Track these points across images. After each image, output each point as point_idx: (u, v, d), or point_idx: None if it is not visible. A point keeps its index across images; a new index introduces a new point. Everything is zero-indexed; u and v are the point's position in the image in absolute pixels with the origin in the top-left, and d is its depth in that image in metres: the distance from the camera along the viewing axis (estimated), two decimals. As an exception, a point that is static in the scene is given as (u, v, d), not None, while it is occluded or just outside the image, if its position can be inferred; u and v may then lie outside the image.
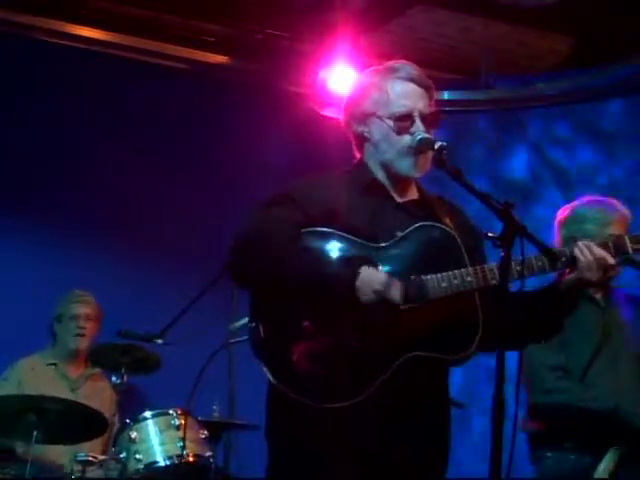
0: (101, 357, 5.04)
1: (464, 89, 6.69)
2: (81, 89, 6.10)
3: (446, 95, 6.68)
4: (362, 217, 2.72)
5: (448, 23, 6.40)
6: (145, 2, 6.14)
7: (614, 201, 3.82)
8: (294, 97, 6.35)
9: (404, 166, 2.78)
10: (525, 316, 2.67)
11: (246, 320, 2.81)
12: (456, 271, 2.63)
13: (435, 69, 6.87)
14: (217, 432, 4.90)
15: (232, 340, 4.60)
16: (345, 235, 2.67)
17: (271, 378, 2.61)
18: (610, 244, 2.74)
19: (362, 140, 2.90)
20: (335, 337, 2.57)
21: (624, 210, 3.77)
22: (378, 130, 2.82)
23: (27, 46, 6.03)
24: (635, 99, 6.26)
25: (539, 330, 2.79)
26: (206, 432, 4.72)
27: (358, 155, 2.93)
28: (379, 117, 2.81)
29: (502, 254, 2.48)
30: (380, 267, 2.63)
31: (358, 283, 2.55)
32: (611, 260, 2.70)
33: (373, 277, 2.57)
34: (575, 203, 3.85)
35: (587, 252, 2.68)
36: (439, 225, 2.73)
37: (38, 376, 5.14)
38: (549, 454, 3.65)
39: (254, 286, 2.72)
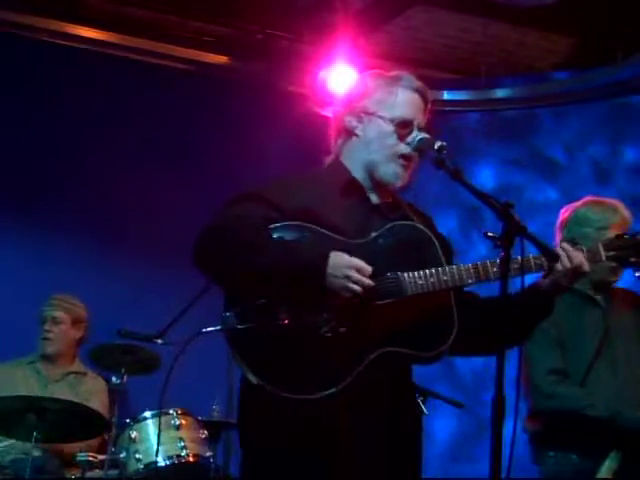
0: (101, 357, 5.03)
1: (464, 89, 6.69)
2: (81, 89, 6.10)
3: (446, 95, 6.69)
4: (338, 215, 2.71)
5: (448, 23, 6.40)
6: (145, 2, 6.15)
7: (616, 202, 3.79)
8: (294, 97, 6.35)
9: (389, 171, 2.79)
10: (499, 320, 2.61)
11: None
12: (433, 269, 2.64)
13: (435, 69, 6.88)
14: (217, 432, 4.90)
15: (205, 330, 4.57)
16: (320, 230, 2.66)
17: (245, 369, 2.60)
18: (585, 252, 2.74)
19: (349, 135, 2.87)
20: (310, 328, 2.56)
21: (625, 212, 3.74)
22: (374, 129, 2.82)
23: (27, 46, 6.03)
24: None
25: (513, 334, 2.69)
26: (206, 432, 4.72)
27: (334, 147, 2.91)
28: (380, 117, 2.81)
29: (502, 254, 2.49)
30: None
31: (329, 268, 2.53)
32: (586, 267, 2.71)
33: (344, 261, 2.56)
34: (577, 203, 3.83)
35: (565, 259, 2.69)
36: (415, 224, 2.75)
37: (17, 375, 5.17)
38: (551, 454, 3.64)
39: (218, 277, 2.71)
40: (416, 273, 2.63)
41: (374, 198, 2.83)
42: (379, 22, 6.24)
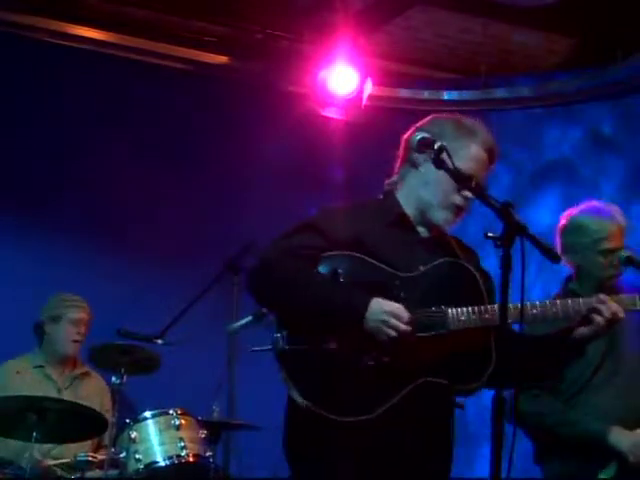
0: (101, 357, 5.03)
1: (464, 89, 6.69)
2: (81, 89, 6.10)
3: (446, 95, 6.69)
4: (387, 248, 2.81)
5: (448, 23, 6.40)
6: (145, 2, 6.15)
7: (612, 209, 3.77)
8: (294, 97, 6.35)
9: (440, 217, 2.87)
10: (532, 357, 2.83)
11: (245, 321, 2.87)
12: (475, 307, 2.76)
13: (435, 69, 6.88)
14: (217, 432, 4.90)
15: (255, 349, 4.60)
16: (369, 260, 2.77)
17: (291, 389, 2.70)
18: (622, 301, 2.88)
19: (412, 166, 2.93)
20: (355, 356, 2.68)
21: (621, 219, 3.72)
22: (434, 173, 2.85)
23: (27, 46, 6.03)
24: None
25: (543, 373, 2.96)
26: (206, 432, 4.72)
27: (397, 171, 2.98)
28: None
29: (502, 254, 2.50)
30: (402, 293, 2.74)
31: (368, 314, 2.66)
32: (622, 315, 2.84)
33: (383, 306, 2.67)
34: (573, 211, 3.80)
35: (605, 309, 2.80)
36: (461, 262, 2.86)
37: (24, 379, 5.10)
38: (553, 455, 3.64)
39: (268, 307, 2.89)
40: (459, 309, 2.75)
41: (423, 232, 2.92)
42: (379, 22, 6.24)
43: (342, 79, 6.06)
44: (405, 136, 2.98)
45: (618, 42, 6.16)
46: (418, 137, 2.79)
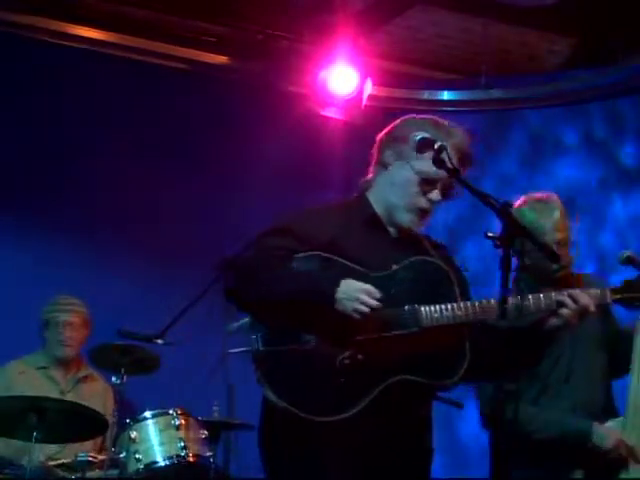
0: (101, 357, 5.03)
1: (464, 89, 6.69)
2: (81, 89, 6.09)
3: (446, 95, 6.69)
4: (360, 248, 2.82)
5: (448, 23, 6.40)
6: (145, 2, 6.14)
7: (553, 199, 3.70)
8: (294, 97, 6.35)
9: (405, 219, 2.88)
10: (505, 350, 2.80)
11: (244, 321, 2.88)
12: (448, 304, 2.77)
13: (435, 69, 6.88)
14: (217, 432, 4.90)
15: (231, 350, 4.64)
16: (342, 261, 2.78)
17: (266, 389, 2.71)
18: (593, 294, 2.86)
19: (383, 167, 2.95)
20: (330, 355, 2.69)
21: (562, 208, 3.66)
22: (402, 175, 2.88)
23: (27, 46, 6.02)
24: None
25: (518, 363, 2.93)
26: (206, 432, 4.72)
27: (371, 172, 2.99)
28: (411, 166, 2.86)
29: (502, 254, 2.50)
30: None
31: (339, 293, 2.66)
32: (593, 308, 2.83)
33: (354, 285, 2.68)
34: (517, 207, 3.67)
35: (572, 303, 2.80)
36: (434, 260, 2.87)
37: (27, 380, 5.11)
38: (522, 461, 3.60)
39: (248, 311, 2.86)
40: (432, 307, 2.76)
41: (393, 232, 2.92)
42: (379, 22, 6.24)
43: (342, 79, 6.06)
44: (379, 136, 2.98)
45: (618, 42, 6.16)
46: (418, 137, 2.79)
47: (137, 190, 6.08)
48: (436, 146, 2.75)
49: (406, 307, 2.75)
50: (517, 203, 3.70)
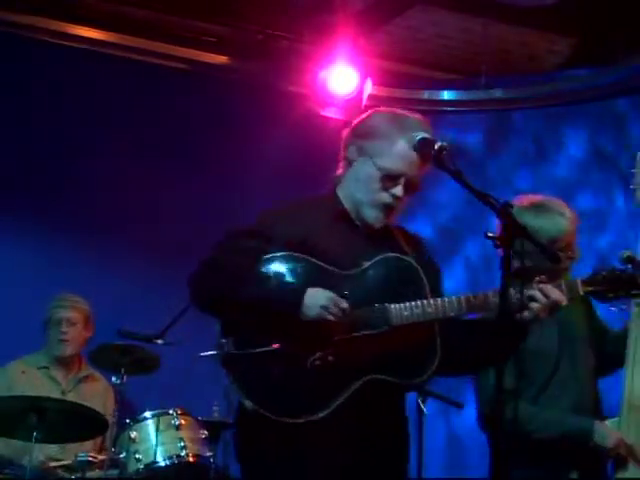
0: (101, 357, 5.03)
1: (464, 89, 6.69)
2: (81, 89, 6.10)
3: (446, 95, 6.69)
4: (330, 246, 2.80)
5: (448, 23, 6.40)
6: (145, 2, 6.15)
7: (559, 204, 3.62)
8: (294, 97, 6.35)
9: (370, 215, 2.86)
10: (478, 343, 2.82)
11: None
12: (418, 302, 2.74)
13: (435, 69, 6.88)
14: (217, 432, 4.90)
15: (203, 354, 4.62)
16: (313, 260, 2.75)
17: (239, 393, 2.70)
18: (564, 287, 2.82)
19: (349, 163, 2.94)
20: (300, 356, 2.66)
21: (571, 215, 3.60)
22: (364, 171, 2.86)
23: (27, 46, 6.03)
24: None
25: (492, 356, 2.83)
26: (206, 432, 4.72)
27: (340, 168, 2.97)
28: (372, 162, 2.84)
29: (501, 254, 2.50)
30: (345, 291, 2.71)
31: (305, 304, 2.64)
32: (564, 302, 2.80)
33: (320, 294, 2.66)
34: (518, 207, 3.44)
35: (543, 297, 2.76)
36: (404, 257, 2.84)
37: (29, 380, 5.11)
38: (521, 461, 3.60)
39: (210, 311, 2.82)
40: (402, 305, 2.73)
41: (363, 227, 2.89)
42: (379, 22, 6.24)
43: (342, 79, 6.07)
44: (343, 132, 2.97)
45: (618, 42, 6.16)
46: (419, 137, 2.78)
47: (137, 190, 6.09)
48: (436, 146, 2.74)
49: (376, 306, 2.72)
50: (520, 204, 3.60)
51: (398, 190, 2.82)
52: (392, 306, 2.72)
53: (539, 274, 2.83)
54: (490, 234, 2.55)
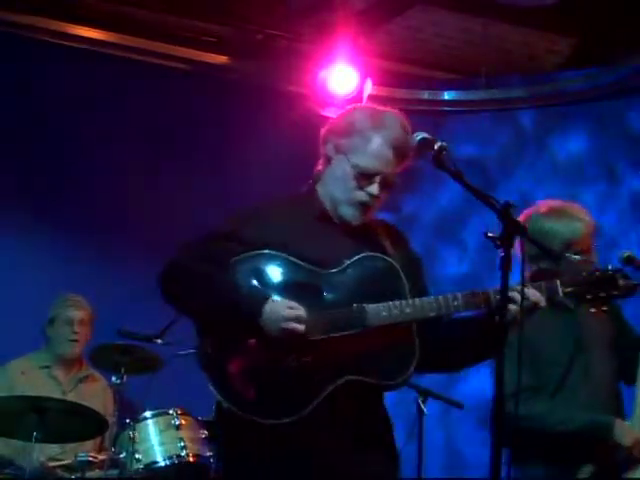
0: (101, 357, 5.03)
1: (464, 89, 6.69)
2: (81, 89, 6.09)
3: (446, 95, 6.69)
4: (310, 244, 2.77)
5: (448, 23, 6.40)
6: (145, 2, 6.14)
7: (576, 208, 3.65)
8: (294, 97, 6.35)
9: (347, 212, 2.83)
10: (460, 342, 2.81)
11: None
12: (396, 302, 2.70)
13: (435, 69, 6.88)
14: (217, 432, 4.89)
15: (181, 352, 4.62)
16: (291, 259, 2.72)
17: (216, 393, 2.68)
18: (543, 288, 2.78)
19: (327, 162, 2.91)
20: (275, 356, 2.63)
21: (588, 218, 3.62)
22: (340, 169, 2.84)
23: (27, 46, 6.02)
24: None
25: (471, 358, 2.89)
26: (206, 432, 4.72)
27: (319, 165, 2.95)
28: (348, 159, 2.81)
29: (502, 254, 2.50)
30: (324, 291, 2.71)
31: (263, 321, 2.60)
32: (544, 303, 2.76)
33: (278, 308, 2.61)
34: (535, 212, 3.62)
35: (519, 299, 2.71)
36: (384, 257, 2.80)
37: (30, 380, 5.10)
38: (534, 458, 3.60)
39: (179, 311, 2.86)
40: (380, 305, 2.69)
41: (343, 226, 2.86)
42: (379, 22, 6.24)
43: (342, 79, 6.07)
44: (323, 129, 2.94)
45: (618, 42, 6.16)
46: (419, 137, 2.76)
47: (137, 190, 6.09)
48: (436, 146, 2.73)
49: (354, 306, 2.69)
50: (538, 209, 3.65)
51: (374, 188, 2.78)
52: (370, 306, 2.68)
53: (555, 277, 2.82)
54: (490, 234, 2.55)
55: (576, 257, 3.48)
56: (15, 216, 5.97)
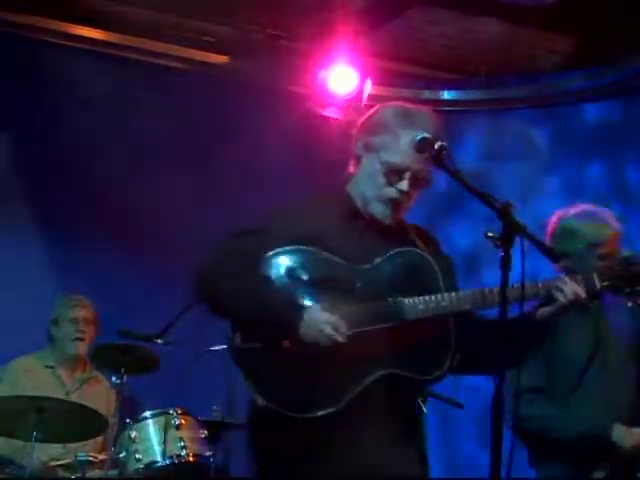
0: (101, 357, 5.03)
1: (464, 89, 6.69)
2: (80, 89, 6.09)
3: (446, 95, 6.69)
4: (343, 241, 2.78)
5: (448, 23, 6.40)
6: (145, 2, 6.15)
7: (606, 214, 3.71)
8: (294, 97, 6.35)
9: (378, 210, 2.84)
10: (499, 342, 2.71)
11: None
12: (433, 295, 2.72)
13: (435, 69, 6.88)
14: (217, 432, 4.90)
15: (211, 348, 4.64)
16: (325, 254, 2.74)
17: (251, 389, 2.68)
18: (580, 280, 2.80)
19: (358, 162, 2.93)
20: (312, 351, 2.62)
21: (616, 225, 3.67)
22: (371, 166, 2.85)
23: (27, 46, 6.02)
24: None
25: (510, 358, 2.82)
26: (206, 432, 4.72)
27: (351, 165, 2.96)
28: (378, 157, 2.83)
29: (502, 254, 2.50)
30: (358, 285, 2.71)
31: (301, 328, 2.60)
32: (584, 295, 2.77)
33: (318, 317, 2.62)
34: (566, 214, 3.73)
35: (565, 291, 2.74)
36: (417, 251, 2.82)
37: (33, 379, 5.09)
38: (549, 458, 3.61)
39: (214, 312, 2.82)
40: (417, 298, 2.71)
41: (374, 223, 2.87)
42: (379, 22, 6.24)
43: (342, 79, 6.07)
44: (354, 130, 2.95)
45: (618, 42, 6.16)
46: (419, 137, 2.78)
47: (137, 190, 6.08)
48: (436, 146, 2.74)
49: (390, 300, 2.70)
50: (567, 211, 3.72)
51: (404, 184, 2.80)
52: (406, 300, 2.70)
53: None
54: (490, 234, 2.55)
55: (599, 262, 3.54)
56: (16, 217, 5.96)
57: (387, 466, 2.70)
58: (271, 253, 2.73)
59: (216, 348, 4.61)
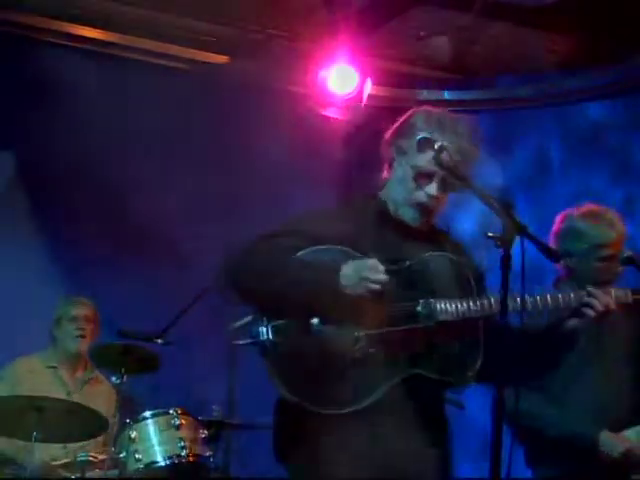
0: (101, 357, 5.03)
1: (464, 89, 6.69)
2: (80, 89, 6.09)
3: (446, 95, 6.69)
4: (374, 244, 2.79)
5: (448, 23, 6.40)
6: (145, 2, 6.14)
7: (612, 215, 3.73)
8: (294, 97, 6.35)
9: (408, 214, 2.87)
10: (527, 352, 2.80)
11: (246, 320, 2.86)
12: (463, 300, 2.74)
13: (435, 69, 6.88)
14: (217, 432, 4.90)
15: (238, 342, 4.61)
16: (355, 254, 2.75)
17: (277, 383, 2.68)
18: (613, 293, 2.86)
19: (390, 167, 2.95)
20: (341, 347, 2.65)
21: (621, 227, 3.68)
22: (401, 170, 2.89)
23: (27, 46, 6.02)
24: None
25: (536, 365, 2.92)
26: (206, 432, 4.72)
27: (385, 171, 2.97)
28: (407, 160, 2.86)
29: (502, 254, 2.51)
30: (388, 286, 2.68)
31: (342, 276, 2.62)
32: (614, 307, 2.83)
33: (357, 265, 2.64)
34: (571, 214, 3.75)
35: (597, 303, 2.79)
36: (449, 255, 2.85)
37: (35, 379, 5.10)
38: (545, 459, 3.61)
39: (246, 300, 2.83)
40: (447, 301, 2.73)
41: (406, 228, 2.89)
42: (379, 22, 6.23)
43: (342, 79, 6.06)
44: (386, 134, 2.97)
45: (618, 42, 6.16)
46: (419, 137, 2.80)
47: (137, 190, 6.08)
48: (436, 146, 2.75)
49: (420, 301, 2.72)
50: (573, 211, 3.72)
51: (432, 188, 2.82)
52: (437, 302, 2.72)
53: (587, 283, 2.86)
54: (490, 234, 2.55)
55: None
56: (18, 218, 5.97)
57: (408, 466, 2.71)
58: (303, 252, 2.75)
59: (242, 342, 4.58)
